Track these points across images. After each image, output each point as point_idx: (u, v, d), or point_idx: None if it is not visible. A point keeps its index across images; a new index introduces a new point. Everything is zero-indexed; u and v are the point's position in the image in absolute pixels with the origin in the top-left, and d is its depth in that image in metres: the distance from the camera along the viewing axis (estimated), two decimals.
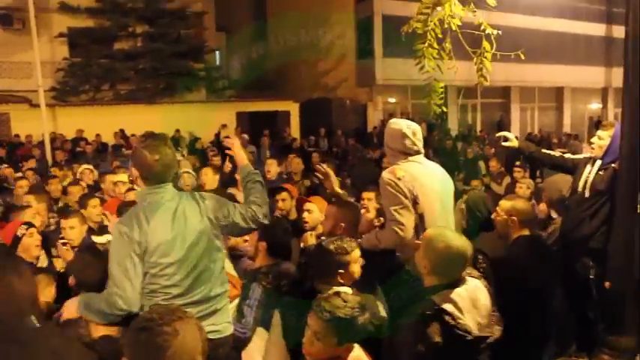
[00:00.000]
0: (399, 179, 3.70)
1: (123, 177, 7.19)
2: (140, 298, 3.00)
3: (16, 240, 4.65)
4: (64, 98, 20.09)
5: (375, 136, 19.41)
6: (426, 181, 3.77)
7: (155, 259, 3.01)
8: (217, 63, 25.79)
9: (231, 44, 25.99)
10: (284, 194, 5.85)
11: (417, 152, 3.90)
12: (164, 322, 1.88)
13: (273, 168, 8.17)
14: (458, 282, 2.91)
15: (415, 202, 3.69)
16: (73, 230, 4.94)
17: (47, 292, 3.66)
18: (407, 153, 3.86)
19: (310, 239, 4.70)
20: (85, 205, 5.82)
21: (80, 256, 3.47)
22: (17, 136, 17.45)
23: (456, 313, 2.78)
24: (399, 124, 3.95)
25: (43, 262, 4.76)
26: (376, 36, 22.43)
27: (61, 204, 6.95)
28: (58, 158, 13.55)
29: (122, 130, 17.70)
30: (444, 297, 2.82)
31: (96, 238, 4.88)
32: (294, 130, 22.18)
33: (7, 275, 2.42)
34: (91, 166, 9.61)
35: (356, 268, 3.15)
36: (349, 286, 2.99)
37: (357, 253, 3.17)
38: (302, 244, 4.69)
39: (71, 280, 3.34)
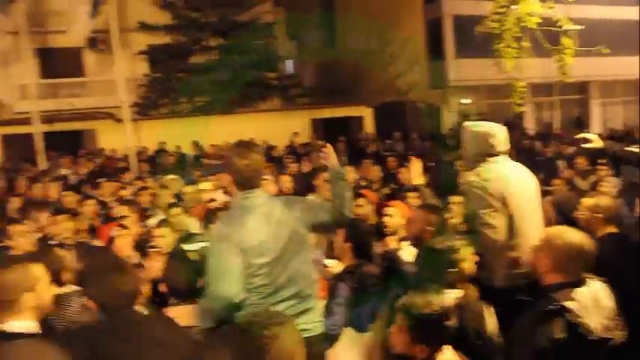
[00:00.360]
0: (485, 181, 3.70)
1: (207, 184, 7.50)
2: (241, 292, 3.15)
3: (111, 240, 5.01)
4: (145, 112, 20.96)
5: (449, 139, 19.16)
6: (513, 181, 3.76)
7: (250, 260, 3.18)
8: (290, 71, 26.19)
9: (302, 52, 26.33)
10: (361, 201, 5.91)
11: (501, 153, 3.89)
12: (264, 326, 2.00)
13: (350, 175, 8.29)
14: (579, 282, 2.88)
15: (504, 204, 3.69)
16: (164, 239, 5.19)
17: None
18: (491, 154, 3.86)
19: (392, 243, 4.75)
20: (168, 215, 6.10)
21: (171, 264, 3.64)
22: (102, 150, 18.31)
23: (578, 311, 2.77)
24: (483, 126, 3.96)
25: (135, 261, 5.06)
26: (447, 37, 22.23)
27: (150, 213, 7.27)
28: (142, 170, 14.13)
29: (196, 142, 18.31)
30: (566, 295, 2.81)
31: (185, 246, 5.10)
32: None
33: (110, 274, 2.62)
34: (176, 176, 9.97)
35: (467, 266, 3.18)
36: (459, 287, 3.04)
37: (466, 251, 3.19)
38: (383, 249, 4.74)
39: (162, 287, 3.51)
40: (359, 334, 3.33)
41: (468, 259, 3.20)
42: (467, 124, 4.11)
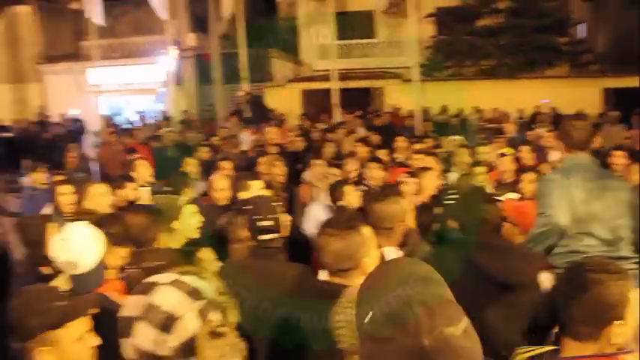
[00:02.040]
0: None
1: (486, 149, 7.76)
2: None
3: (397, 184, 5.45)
4: (429, 74, 21.50)
5: None
6: None
7: (577, 220, 3.39)
8: (582, 35, 24.49)
9: (597, 14, 24.33)
10: None
11: None
12: (592, 269, 2.11)
13: None
14: None
15: None
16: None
17: None
18: None
19: None
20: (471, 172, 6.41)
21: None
22: (388, 107, 19.46)
23: None
24: None
25: None
26: None
27: None
28: (425, 129, 14.73)
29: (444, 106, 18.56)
30: None
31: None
32: None
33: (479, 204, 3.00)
34: (460, 138, 10.26)
35: None
36: None
37: None
38: None
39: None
40: None
41: None
42: None
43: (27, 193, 7.50)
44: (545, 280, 3.20)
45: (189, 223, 4.03)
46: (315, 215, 5.24)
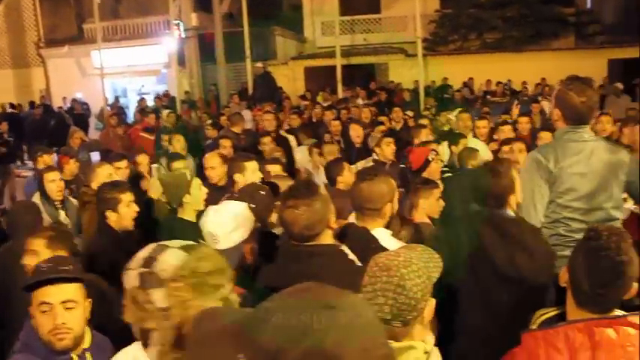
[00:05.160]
0: None
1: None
2: (541, 221, 3.30)
3: (426, 163, 5.27)
4: (434, 48, 21.31)
5: None
6: None
7: (563, 190, 3.25)
8: (588, 6, 24.14)
9: None
10: None
11: None
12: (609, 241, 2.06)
13: None
14: None
15: None
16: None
17: None
18: None
19: None
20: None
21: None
22: (392, 82, 19.33)
23: None
24: None
25: None
26: None
27: None
28: (427, 104, 14.74)
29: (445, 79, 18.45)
30: None
31: None
32: None
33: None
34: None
35: None
36: None
37: None
38: None
39: None
40: None
41: None
42: None
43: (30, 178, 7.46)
44: None
45: (197, 195, 4.12)
46: None
